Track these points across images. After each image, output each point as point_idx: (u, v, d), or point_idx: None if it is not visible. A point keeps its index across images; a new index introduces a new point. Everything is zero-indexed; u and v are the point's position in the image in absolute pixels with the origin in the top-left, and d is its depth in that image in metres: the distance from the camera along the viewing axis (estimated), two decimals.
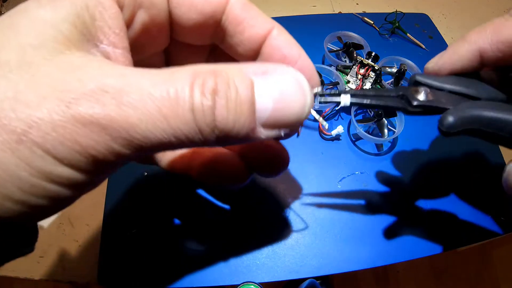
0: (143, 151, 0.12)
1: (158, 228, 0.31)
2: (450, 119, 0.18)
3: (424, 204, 0.34)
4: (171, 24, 0.17)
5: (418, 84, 0.20)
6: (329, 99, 0.17)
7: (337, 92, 0.18)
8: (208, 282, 0.29)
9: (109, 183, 0.33)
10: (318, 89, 0.16)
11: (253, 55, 0.18)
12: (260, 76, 0.13)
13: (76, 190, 0.13)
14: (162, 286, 0.29)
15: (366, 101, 0.18)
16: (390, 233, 0.32)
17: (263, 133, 0.13)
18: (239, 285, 0.28)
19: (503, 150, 0.38)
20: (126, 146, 0.12)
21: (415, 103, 0.18)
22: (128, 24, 0.15)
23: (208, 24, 0.17)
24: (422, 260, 0.31)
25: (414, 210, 0.33)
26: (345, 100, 0.17)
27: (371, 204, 0.33)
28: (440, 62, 0.22)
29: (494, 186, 0.35)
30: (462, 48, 0.21)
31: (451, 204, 0.34)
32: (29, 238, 0.15)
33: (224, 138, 0.13)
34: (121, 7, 0.15)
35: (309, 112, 0.14)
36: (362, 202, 0.34)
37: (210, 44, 0.19)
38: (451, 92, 0.20)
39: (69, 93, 0.11)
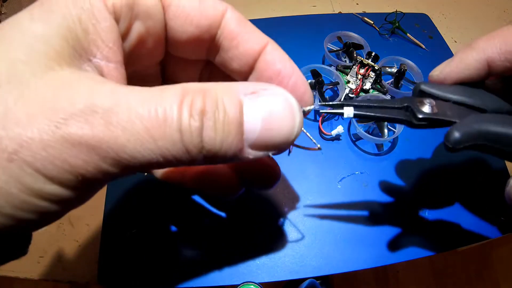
0: (131, 170, 0.12)
1: (158, 228, 0.31)
2: (457, 135, 0.17)
3: (424, 204, 0.34)
4: (167, 37, 0.17)
5: (423, 94, 0.20)
6: (332, 110, 0.17)
7: (340, 103, 0.18)
8: (208, 282, 0.29)
9: (109, 183, 0.33)
10: (310, 107, 0.17)
11: (247, 70, 0.18)
12: (250, 96, 0.13)
13: (64, 206, 0.13)
14: (162, 286, 0.29)
15: (370, 113, 0.18)
16: (390, 233, 0.32)
17: (251, 153, 0.14)
18: (239, 285, 0.28)
19: None
20: (114, 165, 0.12)
21: (420, 115, 0.18)
22: (124, 36, 0.15)
23: (203, 38, 0.17)
24: (422, 260, 0.31)
25: (414, 210, 0.33)
26: (348, 112, 0.17)
27: (371, 204, 0.33)
28: (446, 70, 0.21)
29: (494, 186, 0.35)
30: (469, 56, 0.20)
31: (451, 204, 0.34)
32: (21, 242, 0.15)
33: (211, 158, 0.13)
34: (117, 19, 0.14)
35: (298, 133, 0.14)
36: (362, 202, 0.33)
37: (205, 59, 0.19)
38: (456, 103, 0.19)
39: (59, 113, 0.11)
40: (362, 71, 0.38)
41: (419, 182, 0.35)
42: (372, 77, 0.38)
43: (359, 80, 0.38)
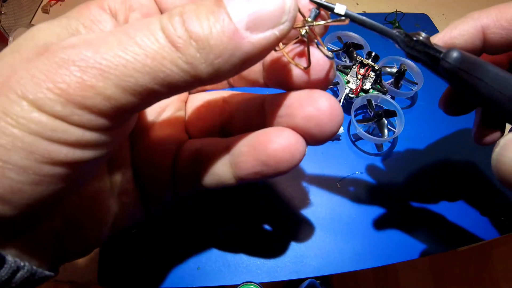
0: (126, 88, 0.12)
1: (158, 228, 0.31)
2: (456, 54, 0.17)
3: (424, 204, 0.34)
4: None
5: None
6: (321, 2, 0.15)
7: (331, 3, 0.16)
8: (208, 282, 0.29)
9: None
10: None
11: None
12: None
13: (60, 144, 0.12)
14: (162, 286, 0.29)
15: (363, 17, 0.16)
16: (390, 233, 0.32)
17: (253, 37, 0.12)
18: (239, 285, 0.28)
19: None
20: (100, 80, 0.11)
21: (415, 38, 0.17)
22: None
23: None
24: (422, 260, 0.31)
25: (414, 210, 0.33)
26: (339, 9, 0.15)
27: (371, 204, 0.33)
28: (438, 36, 0.20)
29: (494, 186, 0.35)
30: (464, 24, 0.20)
31: (451, 204, 0.34)
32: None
33: (207, 51, 0.12)
34: (115, 15, 0.16)
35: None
36: (362, 202, 0.33)
37: None
38: None
39: (46, 47, 0.12)
40: (362, 71, 0.38)
41: (419, 182, 0.35)
42: (372, 77, 0.39)
43: (359, 80, 0.38)
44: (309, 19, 0.15)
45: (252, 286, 0.27)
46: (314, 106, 0.15)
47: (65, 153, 0.12)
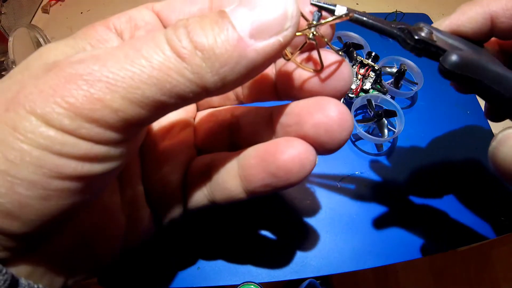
0: (133, 100, 0.12)
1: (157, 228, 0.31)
2: (454, 57, 0.16)
3: (424, 204, 0.34)
4: None
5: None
6: (322, 4, 0.16)
7: (333, 4, 0.16)
8: (208, 282, 0.29)
9: None
10: None
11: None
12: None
13: (68, 158, 0.12)
14: (162, 286, 0.29)
15: (364, 18, 0.16)
16: (390, 233, 0.32)
17: (257, 44, 0.12)
18: (239, 285, 0.28)
19: None
20: (107, 92, 0.11)
21: (416, 36, 0.17)
22: None
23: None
24: (421, 260, 0.31)
25: (414, 210, 0.33)
26: (340, 10, 0.15)
27: (371, 204, 0.33)
28: (445, 22, 0.20)
29: (494, 186, 0.35)
30: (473, 10, 0.19)
31: (451, 204, 0.34)
32: None
33: (212, 60, 0.12)
34: (120, 34, 0.16)
35: (296, 5, 0.13)
36: (362, 202, 0.33)
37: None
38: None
39: (54, 63, 0.12)
40: (362, 71, 0.38)
41: (419, 182, 0.35)
42: (372, 77, 0.39)
43: (359, 80, 0.38)
44: (314, 22, 0.15)
45: (252, 286, 0.27)
46: (323, 113, 0.15)
47: (74, 167, 0.12)
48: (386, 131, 0.36)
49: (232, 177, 0.17)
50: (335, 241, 0.31)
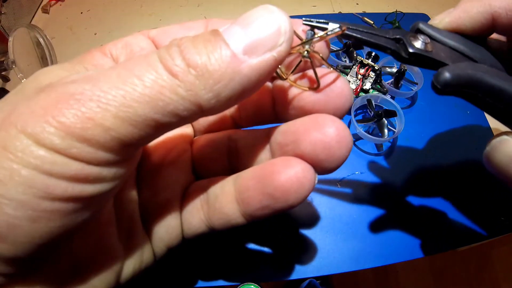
0: (126, 119, 0.12)
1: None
2: (447, 75, 0.16)
3: (424, 204, 0.34)
4: None
5: (419, 32, 0.18)
6: (314, 23, 0.16)
7: (325, 21, 0.16)
8: (208, 282, 0.29)
9: None
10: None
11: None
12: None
13: (61, 179, 0.12)
14: (161, 286, 0.29)
15: (357, 34, 0.16)
16: (390, 233, 0.32)
17: (251, 61, 0.12)
18: (239, 285, 0.28)
19: None
20: (98, 112, 0.11)
21: (411, 50, 0.16)
22: None
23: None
24: (422, 260, 0.31)
25: (414, 210, 0.33)
26: (332, 27, 0.15)
27: (371, 204, 0.33)
28: (446, 20, 0.19)
29: (494, 186, 0.35)
30: (474, 8, 0.19)
31: (451, 204, 0.34)
32: None
33: (206, 78, 0.12)
34: (116, 60, 0.17)
35: (287, 21, 0.13)
36: (362, 202, 0.33)
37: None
38: (453, 49, 0.18)
39: (50, 84, 0.12)
40: (362, 71, 0.38)
41: (419, 182, 0.35)
42: (372, 77, 0.39)
43: (359, 80, 0.38)
44: (308, 40, 0.15)
45: (252, 286, 0.27)
46: (320, 131, 0.15)
47: (64, 188, 0.11)
48: (386, 131, 0.36)
49: (230, 201, 0.17)
50: (335, 241, 0.31)
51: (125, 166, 0.13)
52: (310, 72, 0.16)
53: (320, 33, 0.15)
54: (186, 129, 0.21)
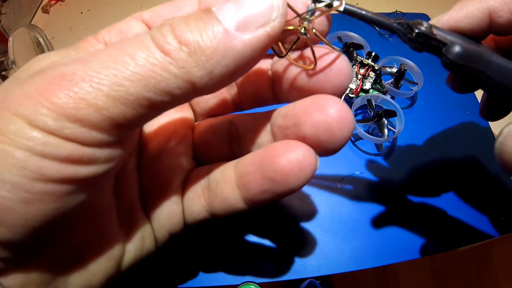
0: (118, 98, 0.12)
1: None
2: (458, 48, 0.16)
3: (424, 204, 0.34)
4: None
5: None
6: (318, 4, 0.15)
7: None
8: (208, 282, 0.29)
9: None
10: None
11: None
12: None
13: (57, 161, 0.11)
14: (161, 286, 0.29)
15: (362, 12, 0.16)
16: (390, 233, 0.32)
17: (244, 36, 0.12)
18: (239, 285, 0.28)
19: None
20: (91, 91, 0.11)
21: (417, 30, 0.16)
22: None
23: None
24: (422, 260, 0.31)
25: (414, 210, 0.33)
26: (337, 3, 0.15)
27: (371, 204, 0.33)
28: (444, 18, 0.19)
29: (494, 186, 0.35)
30: (470, 5, 0.19)
31: (451, 204, 0.34)
32: None
33: (198, 54, 0.12)
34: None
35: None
36: (362, 202, 0.33)
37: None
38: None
39: (43, 69, 0.12)
40: (362, 71, 0.38)
41: (419, 182, 0.35)
42: (372, 77, 0.39)
43: (359, 80, 0.38)
44: (307, 16, 0.15)
45: (252, 286, 0.27)
46: (321, 111, 0.14)
47: (57, 169, 0.11)
48: (386, 131, 0.36)
49: (230, 187, 0.17)
50: (335, 241, 0.31)
51: (120, 148, 0.13)
52: (309, 51, 0.16)
53: (318, 5, 0.15)
54: (186, 114, 0.21)
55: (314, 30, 0.15)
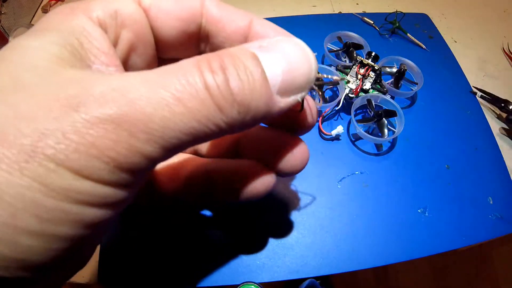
0: (167, 147, 0.12)
1: (158, 228, 0.31)
2: None
3: (424, 204, 0.34)
4: (157, 40, 0.17)
5: None
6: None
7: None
8: (208, 282, 0.29)
9: None
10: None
11: None
12: (259, 49, 0.13)
13: (105, 208, 0.11)
14: (162, 286, 0.29)
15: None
16: (390, 233, 0.32)
17: (281, 101, 0.13)
18: (239, 285, 0.28)
19: (503, 149, 0.38)
20: (147, 142, 0.11)
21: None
22: (115, 43, 0.15)
23: (189, 30, 0.17)
24: (422, 260, 0.31)
25: (414, 210, 0.33)
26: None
27: (370, 204, 0.33)
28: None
29: (494, 186, 0.35)
30: None
31: (450, 204, 0.34)
32: None
33: (245, 113, 0.13)
34: (104, 29, 0.15)
35: (317, 70, 0.14)
36: (362, 202, 0.34)
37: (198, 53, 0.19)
38: None
39: (75, 98, 0.11)
40: (362, 71, 0.38)
41: (419, 181, 0.35)
42: (372, 77, 0.39)
43: (359, 80, 0.38)
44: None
45: (252, 286, 0.27)
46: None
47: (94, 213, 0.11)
48: (386, 131, 0.36)
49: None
50: (335, 241, 0.31)
51: (137, 188, 0.13)
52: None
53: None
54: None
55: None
